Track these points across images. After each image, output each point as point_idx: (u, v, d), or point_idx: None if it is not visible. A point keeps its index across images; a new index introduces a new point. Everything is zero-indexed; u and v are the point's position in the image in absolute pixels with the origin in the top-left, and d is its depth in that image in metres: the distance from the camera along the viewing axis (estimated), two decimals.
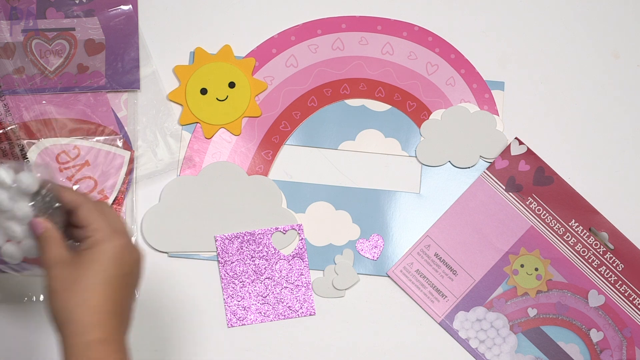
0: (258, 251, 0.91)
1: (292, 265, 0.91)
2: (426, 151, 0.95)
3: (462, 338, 0.91)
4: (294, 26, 0.98)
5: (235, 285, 0.90)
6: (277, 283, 0.90)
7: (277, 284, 0.90)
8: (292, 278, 0.91)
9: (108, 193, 0.91)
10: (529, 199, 0.93)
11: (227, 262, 0.90)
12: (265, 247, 0.91)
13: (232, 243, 0.91)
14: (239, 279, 0.90)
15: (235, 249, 0.91)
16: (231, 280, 0.90)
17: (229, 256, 0.90)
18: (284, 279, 0.90)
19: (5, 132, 0.91)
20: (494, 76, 0.97)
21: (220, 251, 0.90)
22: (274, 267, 0.91)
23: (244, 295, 0.90)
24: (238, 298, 0.90)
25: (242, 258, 0.91)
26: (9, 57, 0.94)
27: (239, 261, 0.91)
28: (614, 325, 0.91)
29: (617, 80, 0.98)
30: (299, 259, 0.91)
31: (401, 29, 0.98)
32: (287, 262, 0.91)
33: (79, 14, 0.96)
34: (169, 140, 0.94)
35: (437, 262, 0.92)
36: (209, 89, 0.95)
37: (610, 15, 1.00)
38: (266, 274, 0.90)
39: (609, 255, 0.92)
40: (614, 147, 0.96)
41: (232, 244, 0.91)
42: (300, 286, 0.90)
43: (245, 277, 0.90)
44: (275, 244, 0.91)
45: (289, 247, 0.91)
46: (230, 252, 0.90)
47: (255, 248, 0.91)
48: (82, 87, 0.93)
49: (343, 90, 0.96)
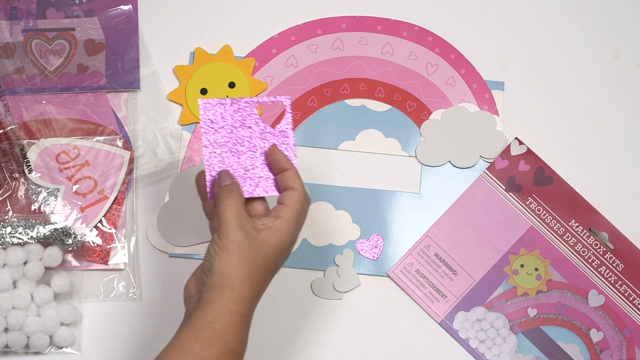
0: (243, 120, 0.80)
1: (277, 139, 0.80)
2: (426, 151, 0.95)
3: (462, 338, 0.91)
4: (294, 26, 0.98)
5: (216, 156, 0.79)
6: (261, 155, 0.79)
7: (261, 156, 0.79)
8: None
9: (108, 193, 0.91)
10: (529, 199, 0.93)
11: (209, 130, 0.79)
12: (250, 116, 0.80)
13: (216, 109, 0.79)
14: (221, 149, 0.79)
15: (219, 115, 0.79)
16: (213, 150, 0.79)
17: (212, 124, 0.79)
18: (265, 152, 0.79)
19: (5, 132, 0.91)
20: (494, 76, 0.97)
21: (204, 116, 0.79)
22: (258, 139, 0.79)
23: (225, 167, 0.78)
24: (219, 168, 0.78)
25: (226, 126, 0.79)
26: (9, 57, 0.94)
27: (222, 129, 0.79)
28: (614, 325, 0.91)
29: (617, 80, 0.98)
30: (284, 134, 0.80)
31: (401, 29, 0.98)
32: (272, 135, 0.80)
33: (79, 14, 0.96)
34: (169, 140, 0.94)
35: (437, 262, 0.92)
36: (209, 89, 0.95)
37: (610, 15, 1.00)
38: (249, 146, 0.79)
39: (609, 255, 0.92)
40: (614, 147, 0.96)
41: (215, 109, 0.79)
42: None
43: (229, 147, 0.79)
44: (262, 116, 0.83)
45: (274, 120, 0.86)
46: (215, 119, 0.79)
47: (241, 116, 0.80)
48: (82, 87, 0.93)
49: (343, 90, 0.96)
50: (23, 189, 0.90)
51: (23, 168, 0.90)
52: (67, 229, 0.88)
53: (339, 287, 0.91)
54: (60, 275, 0.87)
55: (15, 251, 0.85)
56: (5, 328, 0.85)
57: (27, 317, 0.85)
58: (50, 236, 0.87)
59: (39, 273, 0.86)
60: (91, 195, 0.90)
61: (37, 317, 0.85)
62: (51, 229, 0.87)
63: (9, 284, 0.85)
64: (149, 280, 0.90)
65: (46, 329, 0.85)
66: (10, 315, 0.84)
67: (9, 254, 0.85)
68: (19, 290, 0.85)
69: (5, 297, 0.84)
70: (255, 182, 0.78)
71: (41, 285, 0.86)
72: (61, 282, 0.87)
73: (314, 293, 0.91)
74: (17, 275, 0.85)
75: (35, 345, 0.85)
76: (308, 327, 0.90)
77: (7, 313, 0.84)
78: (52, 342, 0.86)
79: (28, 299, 0.85)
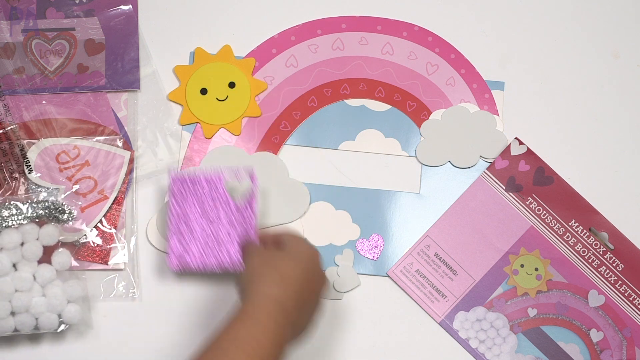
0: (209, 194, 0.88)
1: (240, 212, 0.87)
2: (426, 151, 0.95)
3: (462, 338, 0.91)
4: (294, 26, 0.98)
5: (181, 226, 0.87)
6: (222, 228, 0.87)
7: (221, 229, 0.87)
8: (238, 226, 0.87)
9: (108, 193, 0.91)
10: (529, 199, 0.93)
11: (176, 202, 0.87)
12: (216, 191, 0.88)
13: (184, 183, 0.87)
14: (184, 219, 0.87)
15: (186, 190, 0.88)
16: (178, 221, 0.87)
17: (181, 196, 0.87)
18: (228, 225, 0.87)
19: (5, 132, 0.91)
20: (494, 76, 0.97)
21: (173, 189, 0.87)
22: (221, 212, 0.87)
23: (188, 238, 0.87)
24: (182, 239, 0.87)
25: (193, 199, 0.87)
26: (9, 57, 0.94)
27: (189, 202, 0.87)
28: (614, 325, 0.91)
29: (617, 80, 0.98)
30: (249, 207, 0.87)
31: (401, 29, 0.98)
32: (235, 208, 0.88)
33: (79, 14, 0.96)
34: (169, 140, 0.94)
35: (437, 262, 0.92)
36: (209, 89, 0.95)
37: (610, 15, 1.00)
38: (212, 218, 0.87)
39: (609, 255, 0.92)
40: (614, 147, 0.96)
41: (184, 183, 0.87)
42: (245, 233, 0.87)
43: (193, 218, 0.87)
44: (227, 188, 0.88)
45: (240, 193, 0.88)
46: (183, 191, 0.87)
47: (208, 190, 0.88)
48: (82, 87, 0.93)
49: (343, 90, 0.96)
50: (23, 189, 0.90)
51: (23, 168, 0.90)
52: (60, 205, 0.87)
53: (339, 287, 0.91)
54: (60, 253, 0.86)
55: (10, 233, 0.84)
56: (11, 312, 0.84)
57: (32, 298, 0.84)
58: (43, 214, 0.86)
59: (37, 253, 0.85)
60: (91, 195, 0.90)
61: (42, 297, 0.84)
62: (43, 206, 0.86)
63: (8, 267, 0.84)
64: (149, 280, 0.90)
65: (53, 307, 0.84)
66: (14, 299, 0.83)
67: (4, 237, 0.84)
68: (20, 272, 0.84)
69: (6, 281, 0.83)
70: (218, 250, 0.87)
71: (42, 265, 0.85)
72: (62, 259, 0.86)
73: None
74: (15, 257, 0.84)
75: (45, 325, 0.84)
76: None
77: (11, 296, 0.83)
78: (62, 321, 0.85)
79: (30, 280, 0.84)
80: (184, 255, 0.87)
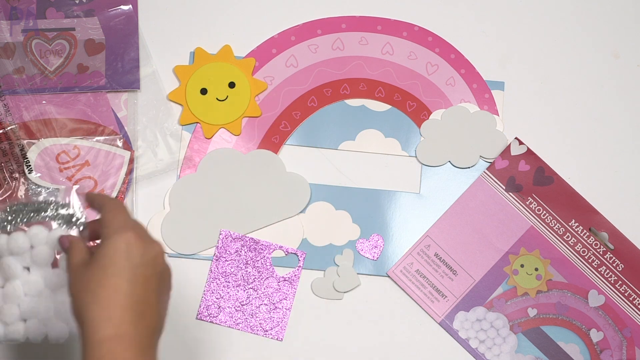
0: (254, 259, 0.90)
1: (280, 286, 0.90)
2: (426, 151, 0.95)
3: (462, 338, 0.91)
4: (294, 26, 0.98)
5: (220, 283, 0.90)
6: (259, 297, 0.90)
7: (259, 298, 0.90)
8: (275, 298, 0.90)
9: (108, 193, 0.91)
10: (529, 199, 0.93)
11: (221, 258, 0.90)
12: (262, 259, 0.91)
13: (234, 243, 0.91)
14: (225, 278, 0.90)
15: (234, 249, 0.90)
16: (218, 276, 0.90)
17: (226, 254, 0.90)
18: (266, 296, 0.90)
19: (5, 132, 0.91)
20: (494, 76, 0.97)
21: (220, 246, 0.90)
22: (263, 281, 0.90)
23: (223, 295, 0.90)
24: (217, 295, 0.90)
25: (238, 260, 0.90)
26: (9, 57, 0.94)
27: (232, 261, 0.90)
28: (614, 325, 0.91)
29: (617, 80, 0.98)
30: (289, 284, 0.90)
31: (401, 29, 0.98)
32: (276, 281, 0.91)
33: (79, 14, 0.96)
34: (169, 140, 0.94)
35: (437, 262, 0.92)
36: (209, 89, 0.95)
37: (610, 15, 1.00)
38: (252, 284, 0.90)
39: (609, 255, 0.92)
40: (614, 147, 0.96)
41: (233, 243, 0.91)
42: (279, 309, 0.90)
43: (233, 279, 0.90)
44: (273, 260, 0.91)
45: (285, 269, 0.91)
46: (229, 250, 0.90)
47: (254, 256, 0.90)
48: (82, 87, 0.93)
49: (343, 90, 0.96)
50: (23, 189, 0.90)
51: (23, 168, 0.90)
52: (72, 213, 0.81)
53: (339, 287, 0.91)
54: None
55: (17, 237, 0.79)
56: (21, 318, 0.79)
57: (41, 304, 0.79)
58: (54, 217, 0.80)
59: (46, 257, 0.80)
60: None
61: (51, 304, 0.80)
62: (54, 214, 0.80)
63: (18, 271, 0.79)
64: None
65: (61, 315, 0.80)
66: (23, 303, 0.79)
67: (11, 241, 0.79)
68: (31, 276, 0.79)
69: (17, 285, 0.79)
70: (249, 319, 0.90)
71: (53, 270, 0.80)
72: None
73: (313, 293, 0.91)
74: (25, 262, 0.80)
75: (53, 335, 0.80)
76: (308, 327, 0.90)
77: (19, 301, 0.79)
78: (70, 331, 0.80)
79: (40, 284, 0.80)
80: None
